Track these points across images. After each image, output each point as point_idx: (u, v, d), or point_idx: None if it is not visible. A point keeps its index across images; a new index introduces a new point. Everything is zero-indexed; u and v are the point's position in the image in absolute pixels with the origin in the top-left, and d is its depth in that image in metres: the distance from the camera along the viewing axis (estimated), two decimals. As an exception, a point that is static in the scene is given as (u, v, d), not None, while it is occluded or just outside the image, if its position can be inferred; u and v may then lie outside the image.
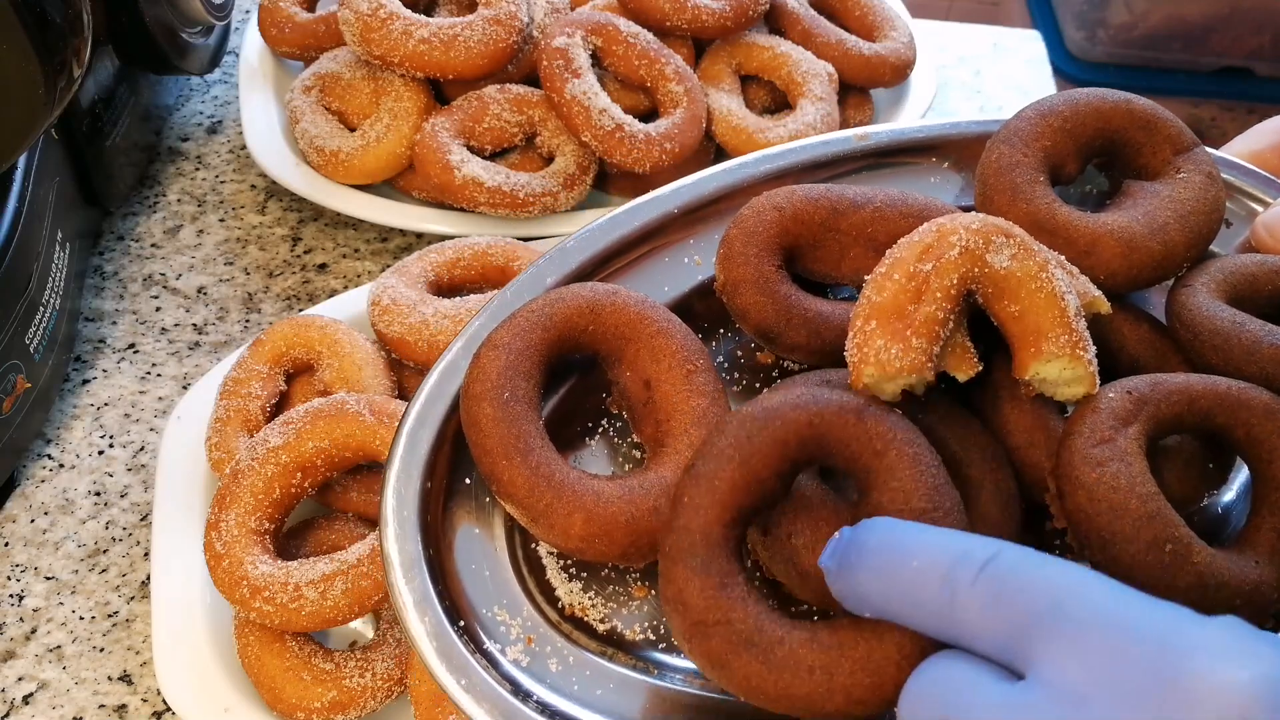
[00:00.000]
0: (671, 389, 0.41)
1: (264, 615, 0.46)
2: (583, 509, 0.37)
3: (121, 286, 0.70)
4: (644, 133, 0.67)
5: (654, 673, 0.39)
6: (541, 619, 0.40)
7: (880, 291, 0.36)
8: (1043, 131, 0.44)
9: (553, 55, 0.67)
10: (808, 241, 0.44)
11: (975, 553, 0.30)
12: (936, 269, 0.36)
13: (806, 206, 0.44)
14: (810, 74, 0.73)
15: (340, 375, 0.55)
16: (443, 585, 0.39)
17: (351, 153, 0.69)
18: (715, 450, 0.34)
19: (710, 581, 0.33)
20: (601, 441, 0.44)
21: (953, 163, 0.51)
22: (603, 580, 0.41)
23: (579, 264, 0.46)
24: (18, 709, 0.51)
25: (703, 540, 0.33)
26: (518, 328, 0.41)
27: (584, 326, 0.42)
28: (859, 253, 0.44)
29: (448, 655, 0.37)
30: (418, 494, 0.40)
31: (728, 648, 0.32)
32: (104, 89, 0.67)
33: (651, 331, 0.42)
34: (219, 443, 0.54)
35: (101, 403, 0.64)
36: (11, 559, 0.57)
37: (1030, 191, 0.43)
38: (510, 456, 0.38)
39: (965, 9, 1.78)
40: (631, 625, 0.40)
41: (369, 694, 0.48)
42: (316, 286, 0.70)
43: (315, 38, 0.75)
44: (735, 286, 0.43)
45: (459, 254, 0.60)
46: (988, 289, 0.37)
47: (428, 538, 0.39)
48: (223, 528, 0.48)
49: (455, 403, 0.42)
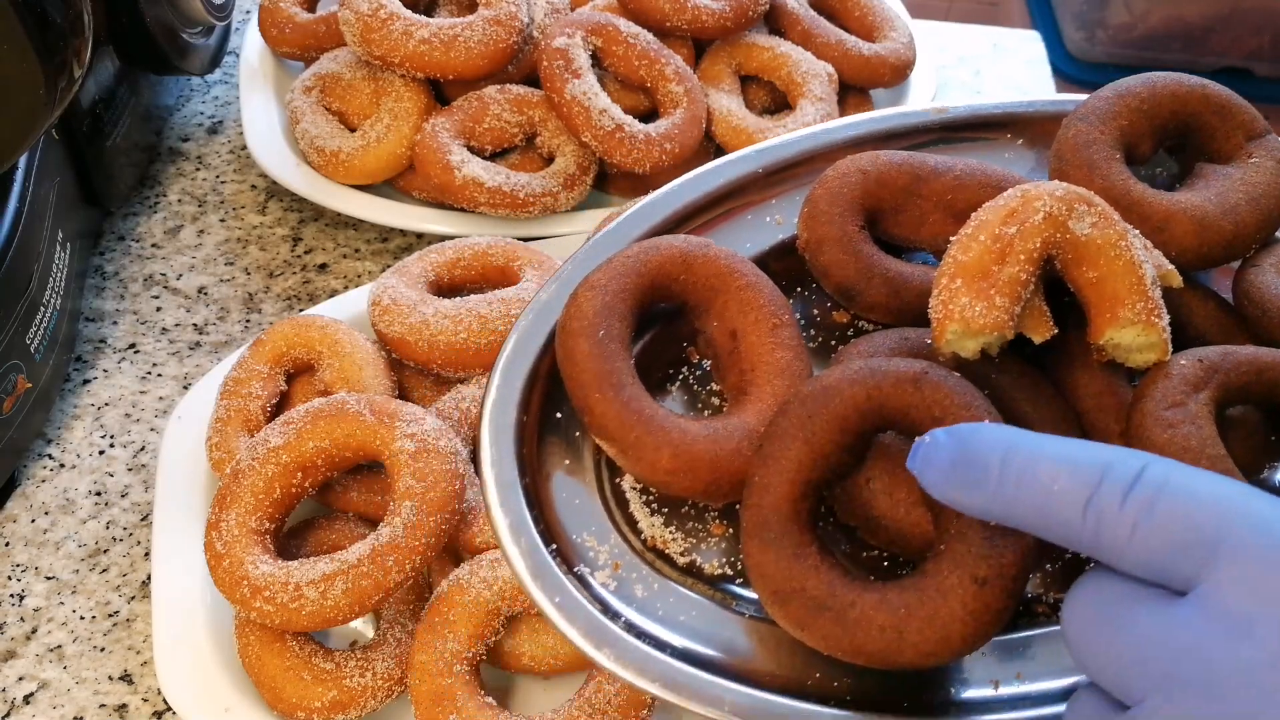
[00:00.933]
0: (757, 340, 0.42)
1: (264, 615, 0.46)
2: (670, 444, 0.39)
3: (122, 286, 0.70)
4: (644, 133, 0.67)
5: (732, 604, 0.40)
6: (627, 547, 0.41)
7: (966, 252, 0.38)
8: (1120, 111, 0.45)
9: (553, 55, 0.67)
10: (889, 205, 0.46)
11: (1117, 469, 0.29)
12: (1021, 232, 0.37)
13: (890, 170, 0.46)
14: (810, 74, 0.73)
15: (341, 375, 0.56)
16: (536, 510, 0.41)
17: (352, 153, 0.69)
18: (780, 431, 0.36)
19: (785, 554, 0.35)
20: (681, 389, 0.45)
21: (1026, 140, 0.52)
22: (683, 516, 0.42)
23: (663, 218, 0.48)
24: (18, 708, 0.51)
25: (775, 517, 0.35)
26: (614, 271, 0.42)
27: (676, 275, 0.43)
28: (938, 219, 0.46)
29: (542, 575, 0.39)
30: (513, 425, 0.42)
31: (805, 612, 0.34)
32: (105, 89, 0.67)
33: (740, 285, 0.43)
34: (219, 443, 0.54)
35: (102, 403, 0.64)
36: (12, 559, 0.57)
37: (1106, 168, 0.44)
38: (604, 390, 0.40)
39: (965, 9, 1.78)
40: (710, 560, 0.41)
41: (369, 693, 0.48)
42: (317, 286, 0.70)
43: (315, 38, 0.75)
44: (818, 244, 0.45)
45: (459, 254, 0.61)
46: (1068, 255, 0.38)
47: (522, 467, 0.41)
48: (223, 527, 0.48)
49: (547, 342, 0.44)
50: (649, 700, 0.46)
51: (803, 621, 0.35)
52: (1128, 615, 0.29)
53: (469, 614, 0.47)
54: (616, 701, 0.45)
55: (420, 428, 0.49)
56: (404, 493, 0.47)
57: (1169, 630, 0.28)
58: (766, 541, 0.35)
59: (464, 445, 0.53)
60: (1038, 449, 0.31)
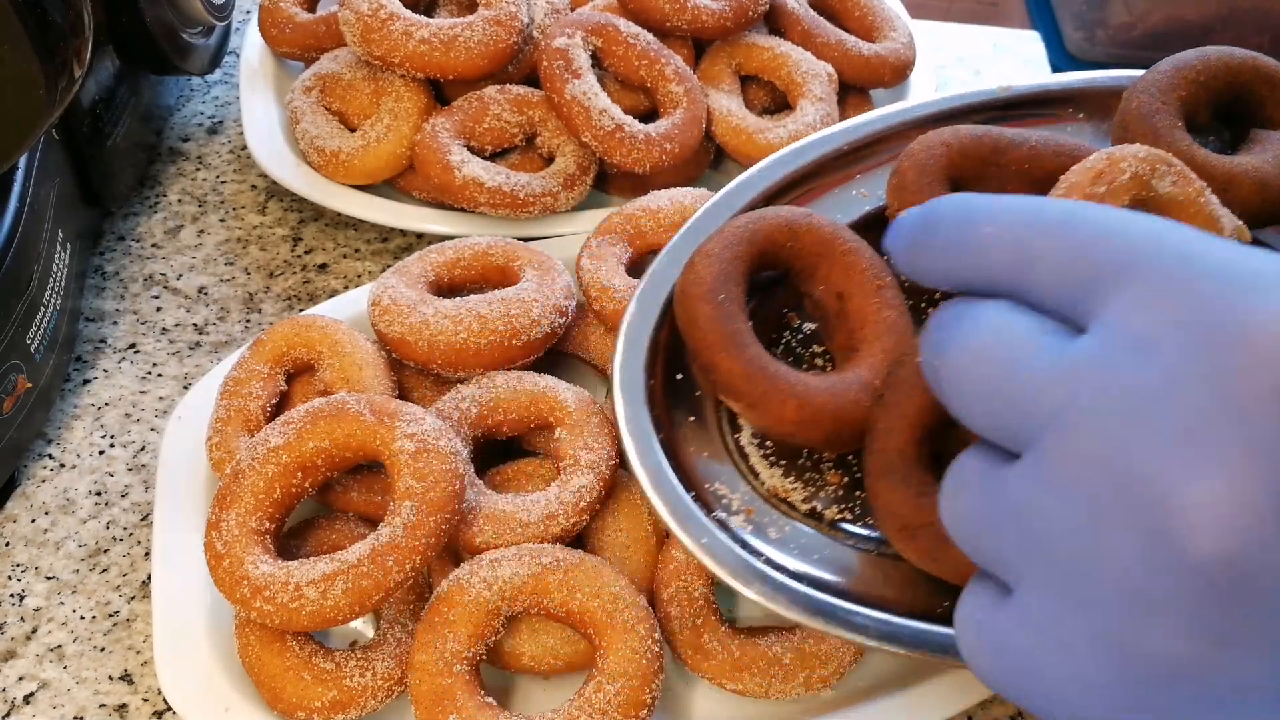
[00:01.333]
0: (863, 301, 0.46)
1: (264, 615, 0.46)
2: (795, 397, 0.42)
3: (122, 286, 0.70)
4: (644, 133, 0.67)
5: (855, 544, 0.43)
6: (756, 495, 0.45)
7: None
8: (1178, 83, 0.49)
9: (553, 56, 0.67)
10: (971, 175, 0.48)
11: (1049, 209, 0.29)
12: (1109, 192, 0.40)
13: (971, 143, 0.48)
14: (810, 74, 0.73)
15: (341, 375, 0.56)
16: (673, 462, 0.45)
17: (352, 153, 0.69)
18: (899, 381, 0.39)
19: (910, 492, 0.38)
20: (785, 352, 0.49)
21: (1086, 115, 0.56)
22: (800, 468, 0.46)
23: (754, 197, 0.52)
24: (18, 708, 0.51)
25: (899, 459, 0.38)
26: (727, 240, 0.45)
27: (783, 243, 0.46)
28: (1016, 187, 0.48)
29: (687, 520, 0.43)
30: (642, 386, 0.46)
31: (933, 544, 0.37)
32: (105, 89, 0.67)
33: (843, 250, 0.46)
34: (220, 442, 0.54)
35: (102, 403, 0.64)
36: (12, 558, 0.57)
37: (1170, 135, 0.47)
38: (728, 350, 0.42)
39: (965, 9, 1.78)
40: (829, 506, 0.45)
41: (369, 693, 0.48)
42: (317, 286, 0.70)
43: (316, 38, 0.75)
44: None
45: (459, 254, 0.61)
46: (1151, 212, 0.41)
47: (656, 423, 0.45)
48: (223, 527, 0.48)
49: (662, 311, 0.48)
50: (649, 700, 0.46)
51: (931, 553, 0.37)
52: (1024, 350, 0.27)
53: (469, 614, 0.47)
54: (616, 701, 0.46)
55: (420, 428, 0.49)
56: (404, 493, 0.47)
57: (1066, 359, 0.26)
58: (893, 482, 0.38)
59: (464, 445, 0.53)
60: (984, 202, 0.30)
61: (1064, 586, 0.26)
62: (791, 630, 0.50)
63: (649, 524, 0.53)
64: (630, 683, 0.46)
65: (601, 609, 0.47)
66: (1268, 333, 0.23)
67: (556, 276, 0.59)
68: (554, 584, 0.48)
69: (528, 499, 0.51)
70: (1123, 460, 0.25)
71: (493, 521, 0.50)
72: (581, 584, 0.48)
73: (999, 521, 0.28)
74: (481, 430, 0.55)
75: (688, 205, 0.63)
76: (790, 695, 0.49)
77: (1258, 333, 0.23)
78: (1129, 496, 0.25)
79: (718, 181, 0.75)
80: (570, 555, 0.49)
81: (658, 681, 0.47)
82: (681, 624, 0.49)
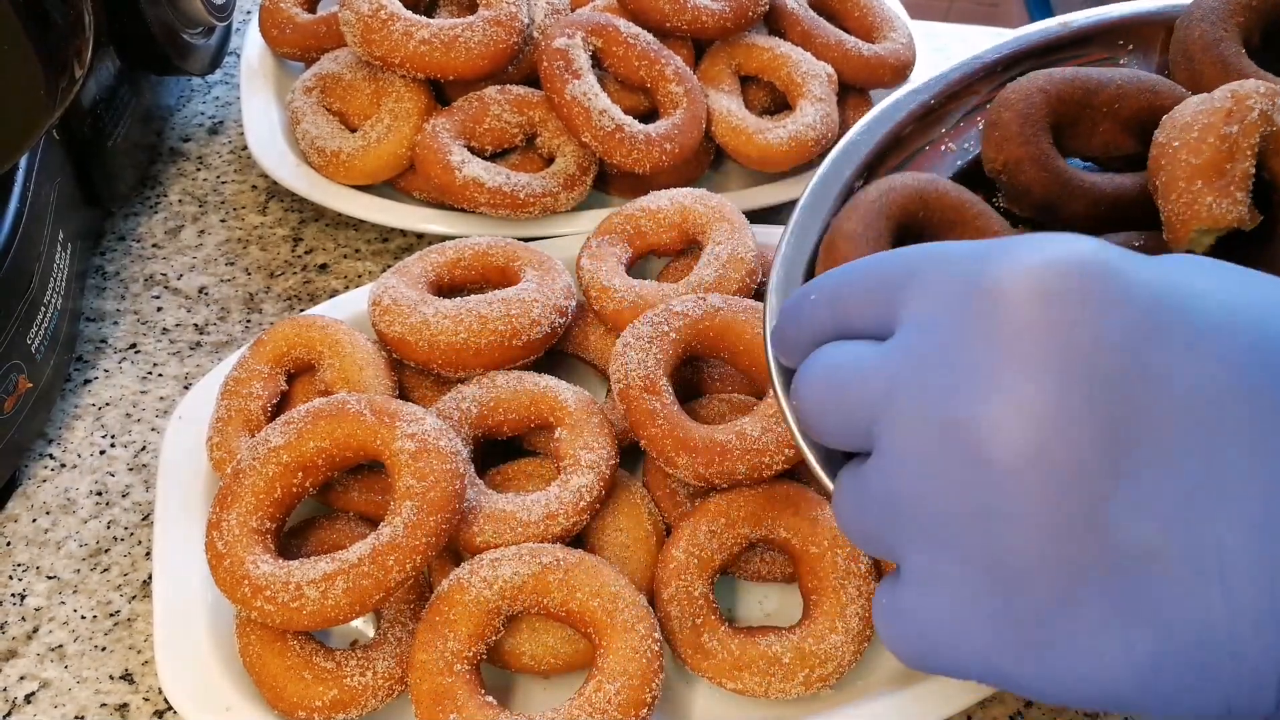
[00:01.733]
0: None
1: (265, 614, 0.46)
2: None
3: (123, 287, 0.70)
4: (644, 133, 0.67)
5: None
6: None
7: (1198, 154, 0.41)
8: (1235, 9, 0.49)
9: (553, 56, 0.67)
10: (1068, 120, 0.49)
11: (855, 266, 0.35)
12: (1242, 129, 0.41)
13: (1066, 87, 0.48)
14: (810, 75, 0.73)
15: (341, 375, 0.56)
16: None
17: (352, 153, 0.69)
18: None
19: None
20: None
21: (1135, 47, 0.55)
22: None
23: (854, 169, 0.50)
24: (19, 708, 0.51)
25: None
26: (863, 217, 0.45)
27: (915, 212, 0.46)
28: (1108, 127, 0.49)
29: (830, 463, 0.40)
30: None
31: None
32: (105, 90, 0.67)
33: (974, 214, 0.47)
34: (220, 442, 0.55)
35: (103, 402, 0.64)
36: (13, 558, 0.57)
37: (1239, 63, 0.47)
38: None
39: (965, 9, 1.78)
40: None
41: (370, 693, 0.48)
42: (317, 287, 0.70)
43: (316, 38, 0.75)
44: (1017, 164, 0.47)
45: (459, 254, 0.61)
46: (1272, 145, 0.41)
47: None
48: (224, 527, 0.48)
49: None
50: (649, 700, 0.46)
51: None
52: (849, 366, 0.33)
53: (469, 613, 0.47)
54: (616, 701, 0.46)
55: (420, 428, 0.49)
56: (404, 492, 0.48)
57: (878, 358, 0.32)
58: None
59: (464, 445, 0.53)
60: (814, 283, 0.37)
61: (930, 542, 0.30)
62: (791, 629, 0.50)
63: (649, 524, 0.53)
64: (630, 682, 0.46)
65: (601, 609, 0.47)
66: (1011, 282, 0.29)
67: (556, 276, 0.59)
68: (554, 584, 0.48)
69: (528, 499, 0.51)
70: (935, 414, 0.29)
71: (493, 521, 0.50)
72: (581, 584, 0.48)
73: (869, 512, 0.32)
74: (481, 430, 0.55)
75: (688, 205, 0.63)
76: (790, 694, 0.49)
77: (1003, 284, 0.29)
78: (950, 441, 0.29)
79: (718, 182, 0.76)
80: (570, 555, 0.49)
81: (658, 681, 0.47)
82: (681, 624, 0.49)
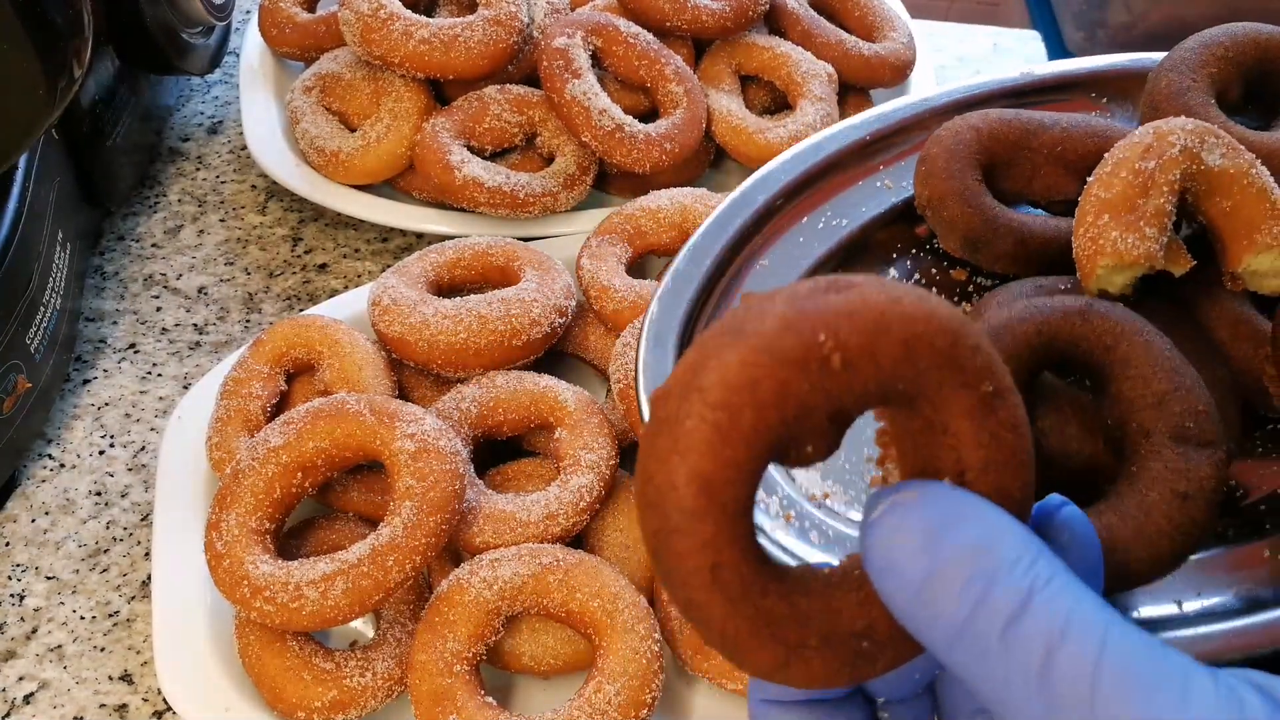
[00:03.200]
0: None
1: (264, 615, 0.46)
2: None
3: (122, 286, 0.70)
4: (644, 133, 0.67)
5: None
6: (798, 496, 0.42)
7: (1109, 188, 0.39)
8: (1207, 60, 0.48)
9: (553, 56, 0.67)
10: (1002, 159, 0.47)
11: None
12: (1160, 165, 0.39)
13: (1001, 126, 0.47)
14: (810, 74, 0.73)
15: (341, 375, 0.56)
16: None
17: (352, 153, 0.69)
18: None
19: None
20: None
21: (1109, 99, 0.55)
22: (840, 470, 0.43)
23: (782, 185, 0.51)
24: (19, 708, 0.51)
25: None
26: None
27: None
28: (1050, 171, 0.47)
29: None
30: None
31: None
32: (105, 89, 0.67)
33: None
34: (220, 443, 0.55)
35: (102, 403, 0.64)
36: (12, 559, 0.57)
37: (1205, 112, 0.46)
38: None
39: (965, 9, 1.78)
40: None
41: (369, 693, 0.48)
42: (317, 286, 0.70)
43: (315, 38, 0.75)
44: (940, 200, 0.46)
45: (459, 254, 0.61)
46: (1201, 186, 0.40)
47: None
48: (223, 527, 0.48)
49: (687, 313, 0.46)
50: (649, 700, 0.46)
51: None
52: None
53: (469, 614, 0.47)
54: (616, 701, 0.46)
55: (420, 428, 0.49)
56: (404, 493, 0.47)
57: None
58: None
59: (464, 445, 0.53)
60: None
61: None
62: None
63: (649, 524, 0.53)
64: (630, 683, 0.46)
65: (601, 609, 0.47)
66: None
67: (556, 276, 0.59)
68: (554, 584, 0.48)
69: (528, 499, 0.51)
70: None
71: (493, 521, 0.50)
72: (581, 584, 0.48)
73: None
74: (481, 430, 0.55)
75: (688, 205, 0.63)
76: (790, 695, 0.49)
77: None
78: None
79: (718, 181, 0.76)
80: (570, 555, 0.49)
81: (658, 682, 0.47)
82: (681, 624, 0.49)
